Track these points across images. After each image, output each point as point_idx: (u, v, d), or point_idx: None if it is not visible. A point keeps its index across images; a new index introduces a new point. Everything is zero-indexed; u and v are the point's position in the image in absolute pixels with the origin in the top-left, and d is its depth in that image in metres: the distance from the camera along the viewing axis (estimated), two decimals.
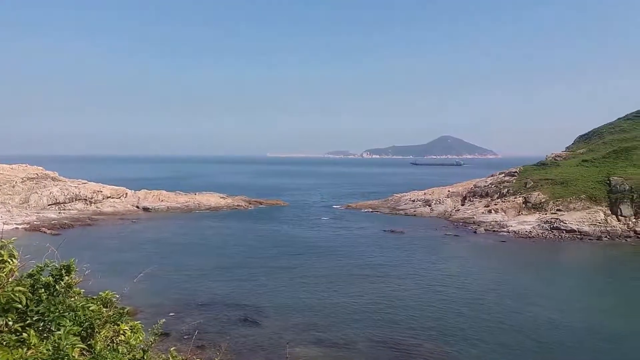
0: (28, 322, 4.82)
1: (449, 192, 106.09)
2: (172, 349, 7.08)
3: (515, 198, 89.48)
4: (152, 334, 6.55)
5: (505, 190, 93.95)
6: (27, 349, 4.42)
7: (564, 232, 76.15)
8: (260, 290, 45.85)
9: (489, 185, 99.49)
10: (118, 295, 6.35)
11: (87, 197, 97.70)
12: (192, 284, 47.73)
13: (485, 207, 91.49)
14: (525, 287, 48.39)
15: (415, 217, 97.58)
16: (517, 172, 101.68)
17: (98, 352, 5.09)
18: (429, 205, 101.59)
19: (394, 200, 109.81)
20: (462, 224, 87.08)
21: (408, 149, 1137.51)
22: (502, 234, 77.70)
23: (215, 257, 59.97)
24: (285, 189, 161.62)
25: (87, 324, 5.16)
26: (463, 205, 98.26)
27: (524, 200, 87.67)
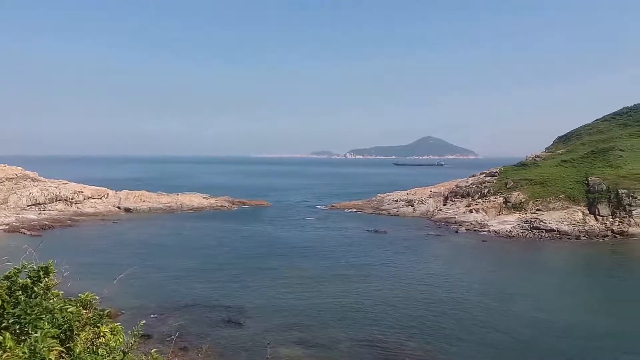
0: (4, 324, 4.77)
1: (431, 192, 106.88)
2: (152, 351, 7.05)
3: (496, 198, 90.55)
4: (132, 336, 6.50)
5: (486, 191, 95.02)
6: (2, 352, 4.38)
7: (544, 231, 77.28)
8: (244, 291, 45.71)
9: (470, 186, 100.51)
10: (98, 297, 6.31)
11: (67, 197, 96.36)
12: (174, 285, 47.38)
13: (467, 207, 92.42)
14: (506, 286, 49.03)
15: (399, 217, 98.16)
16: (497, 172, 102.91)
17: (77, 354, 5.05)
18: (412, 206, 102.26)
19: (378, 201, 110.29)
20: (444, 224, 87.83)
21: (391, 150, 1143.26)
22: (483, 234, 78.58)
23: (198, 258, 59.61)
24: (269, 189, 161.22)
25: (65, 326, 5.12)
26: (445, 205, 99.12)
27: (505, 200, 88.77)
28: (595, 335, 35.46)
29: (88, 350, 5.35)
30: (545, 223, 78.51)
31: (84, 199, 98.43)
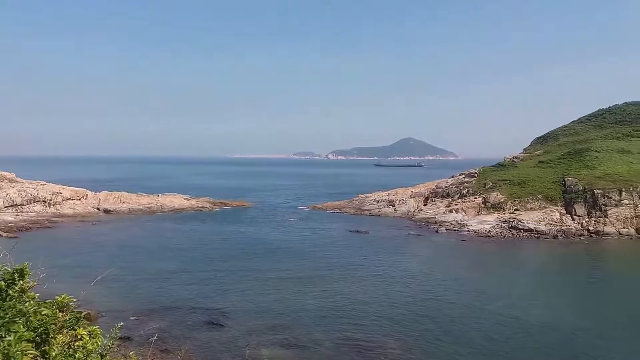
0: None
1: (412, 192, 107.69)
2: (131, 353, 7.06)
3: (475, 198, 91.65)
4: (110, 339, 6.50)
5: (466, 191, 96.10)
6: None
7: (522, 231, 78.51)
8: (225, 293, 45.55)
9: (450, 186, 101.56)
10: (75, 299, 6.30)
11: (46, 198, 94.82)
12: (155, 287, 47.01)
13: (447, 207, 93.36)
14: (485, 285, 49.69)
15: (380, 217, 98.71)
16: (476, 173, 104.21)
17: (53, 358, 5.04)
18: (393, 206, 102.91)
19: (359, 201, 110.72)
20: (424, 224, 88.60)
21: (372, 150, 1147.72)
22: (462, 234, 79.50)
23: (178, 259, 59.20)
24: (251, 190, 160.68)
25: (41, 330, 5.10)
26: (425, 206, 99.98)
27: (484, 201, 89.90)
28: (570, 333, 36.19)
29: (64, 354, 5.32)
30: (523, 223, 79.74)
31: (63, 200, 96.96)
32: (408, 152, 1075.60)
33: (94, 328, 6.28)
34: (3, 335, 4.73)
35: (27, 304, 5.36)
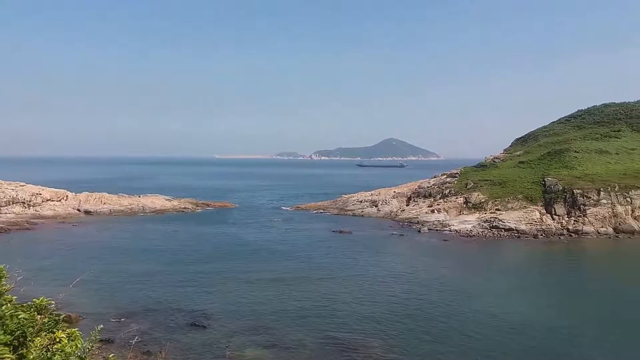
0: None
1: (395, 192, 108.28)
2: (111, 356, 7.02)
3: (457, 198, 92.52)
4: (90, 341, 6.46)
5: (447, 191, 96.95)
6: None
7: (503, 230, 79.48)
8: (207, 294, 45.31)
9: (432, 186, 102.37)
10: (54, 302, 6.25)
11: (25, 200, 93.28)
12: (136, 289, 46.58)
13: (429, 207, 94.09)
14: (466, 284, 50.19)
15: (363, 217, 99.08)
16: (458, 173, 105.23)
17: None
18: (376, 206, 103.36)
19: (342, 201, 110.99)
20: (407, 224, 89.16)
21: (355, 151, 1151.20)
22: (445, 233, 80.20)
23: (160, 261, 58.72)
24: (234, 191, 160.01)
25: (18, 333, 5.06)
26: (408, 206, 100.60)
27: (465, 201, 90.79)
28: (550, 331, 36.74)
29: (42, 357, 5.29)
30: (504, 222, 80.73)
31: (43, 202, 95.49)
32: (391, 152, 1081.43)
33: (73, 331, 6.23)
34: None
35: (3, 307, 5.30)
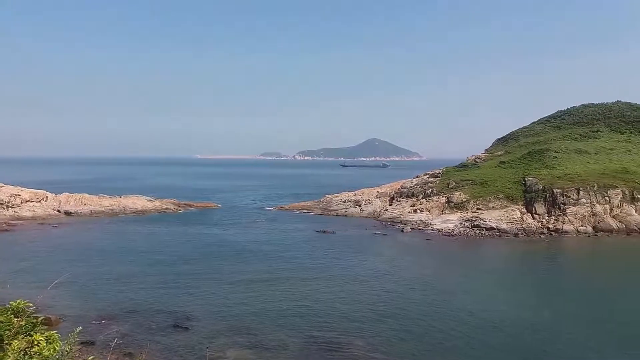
0: None
1: (378, 192, 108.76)
2: (90, 358, 6.98)
3: (439, 198, 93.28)
4: (68, 344, 6.43)
5: (430, 191, 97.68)
6: None
7: (484, 229, 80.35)
8: (190, 296, 45.03)
9: (415, 186, 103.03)
10: (32, 305, 6.20)
11: (3, 201, 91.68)
12: (118, 290, 46.12)
13: (412, 206, 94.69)
14: (448, 283, 50.65)
15: (347, 217, 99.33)
16: (440, 173, 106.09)
17: None
18: (359, 206, 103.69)
19: (326, 201, 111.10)
20: (390, 224, 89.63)
21: (338, 151, 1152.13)
22: (427, 232, 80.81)
23: (142, 262, 58.19)
24: (217, 191, 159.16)
25: None
26: (391, 205, 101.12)
27: (447, 200, 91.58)
28: (530, 328, 37.28)
29: None
30: (486, 222, 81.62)
31: (22, 203, 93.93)
32: (374, 152, 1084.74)
33: (52, 333, 6.19)
34: None
35: None
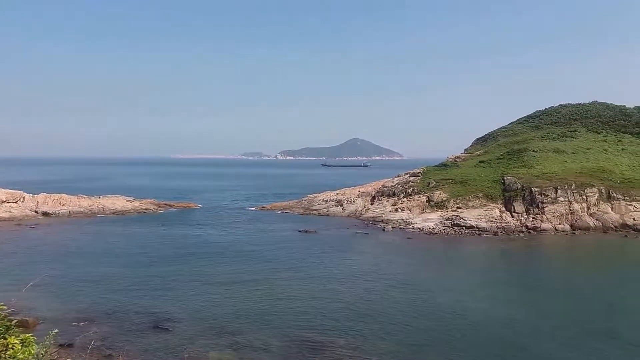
0: None
1: (360, 192, 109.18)
2: None
3: (420, 197, 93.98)
4: (43, 347, 6.34)
5: (411, 190, 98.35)
6: None
7: (464, 228, 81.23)
8: (171, 296, 44.66)
9: (396, 185, 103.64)
10: (6, 307, 6.10)
11: None
12: (98, 292, 45.57)
13: (393, 206, 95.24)
14: (429, 281, 51.09)
15: (329, 216, 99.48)
16: (421, 172, 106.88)
17: None
18: (341, 205, 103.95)
19: (308, 201, 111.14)
20: (371, 223, 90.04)
21: (321, 151, 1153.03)
22: (408, 231, 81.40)
23: (122, 263, 57.52)
24: (197, 191, 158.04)
25: None
26: (372, 205, 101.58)
27: (428, 199, 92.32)
28: (510, 324, 37.83)
29: None
30: (465, 220, 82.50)
31: None
32: (356, 152, 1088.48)
33: (27, 336, 6.11)
34: None
35: None
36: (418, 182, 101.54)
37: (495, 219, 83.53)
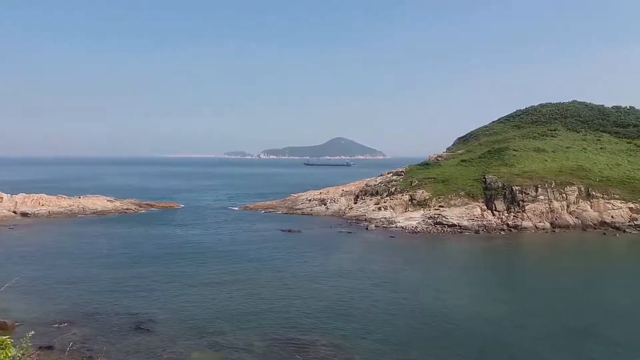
0: None
1: (343, 191, 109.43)
2: None
3: (402, 196, 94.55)
4: (20, 349, 6.28)
5: (393, 189, 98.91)
6: None
7: (446, 226, 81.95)
8: (152, 297, 44.32)
9: (379, 184, 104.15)
10: None
11: None
12: (77, 293, 45.04)
13: (376, 204, 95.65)
14: (411, 279, 51.51)
15: (312, 216, 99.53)
16: (403, 171, 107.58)
17: None
18: (325, 204, 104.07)
19: (292, 200, 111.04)
20: (355, 221, 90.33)
21: (304, 150, 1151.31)
22: (391, 230, 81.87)
23: (102, 264, 56.88)
24: (180, 191, 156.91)
25: None
26: (356, 204, 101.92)
27: (410, 198, 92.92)
28: (491, 321, 38.30)
29: None
30: (447, 219, 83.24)
31: None
32: (339, 151, 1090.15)
33: (3, 339, 6.06)
34: None
35: None
36: (401, 181, 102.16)
37: (477, 217, 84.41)
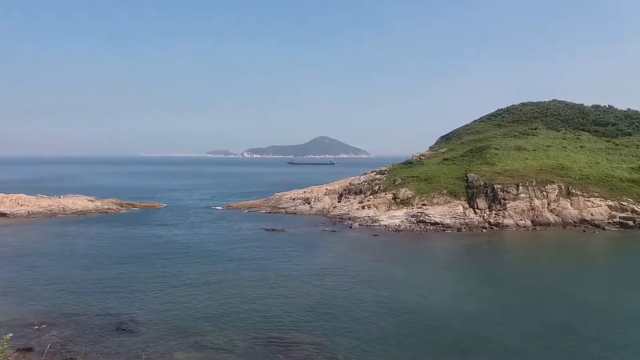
0: None
1: (327, 190, 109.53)
2: None
3: (386, 194, 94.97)
4: None
5: (377, 187, 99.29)
6: None
7: (429, 224, 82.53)
8: (134, 298, 43.85)
9: (363, 183, 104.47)
10: None
11: None
12: (57, 294, 44.41)
13: (360, 203, 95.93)
14: (394, 278, 51.73)
15: (296, 215, 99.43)
16: (387, 170, 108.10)
17: None
18: (309, 203, 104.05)
19: (275, 199, 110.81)
20: (339, 220, 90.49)
21: (288, 149, 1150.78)
22: (375, 228, 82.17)
23: (82, 264, 56.15)
24: (162, 190, 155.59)
25: None
26: (340, 202, 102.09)
27: (393, 196, 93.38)
28: (473, 318, 38.67)
29: None
30: (430, 217, 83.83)
31: None
32: (323, 150, 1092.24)
33: None
34: None
35: None
36: (384, 179, 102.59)
37: (459, 216, 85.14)
